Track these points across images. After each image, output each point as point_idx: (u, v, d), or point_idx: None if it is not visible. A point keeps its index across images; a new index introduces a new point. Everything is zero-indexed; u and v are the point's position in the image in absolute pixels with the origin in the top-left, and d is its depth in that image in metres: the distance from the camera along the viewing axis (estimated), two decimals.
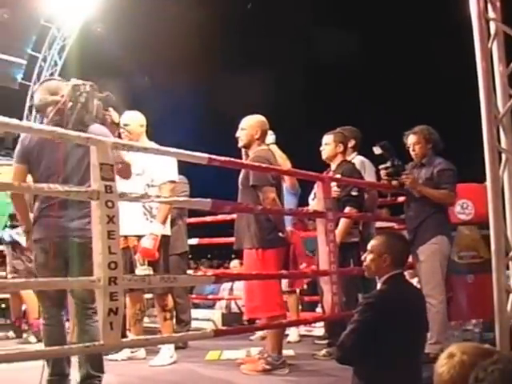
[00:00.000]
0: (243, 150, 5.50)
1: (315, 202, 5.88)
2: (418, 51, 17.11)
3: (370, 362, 3.29)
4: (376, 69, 17.74)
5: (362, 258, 3.70)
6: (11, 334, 7.48)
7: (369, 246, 3.64)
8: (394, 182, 5.79)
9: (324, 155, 6.04)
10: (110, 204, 3.15)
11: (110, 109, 5.28)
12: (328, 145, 6.00)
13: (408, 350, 3.34)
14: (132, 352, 5.67)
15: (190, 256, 9.00)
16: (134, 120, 5.75)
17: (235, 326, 7.57)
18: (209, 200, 3.83)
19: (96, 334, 3.63)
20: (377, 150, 5.83)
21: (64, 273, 3.92)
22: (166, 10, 14.03)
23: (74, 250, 3.92)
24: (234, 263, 10.19)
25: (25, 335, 7.53)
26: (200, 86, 16.74)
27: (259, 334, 6.88)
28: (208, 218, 8.19)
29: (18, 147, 4.17)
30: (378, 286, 3.61)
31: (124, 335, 4.93)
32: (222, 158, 4.05)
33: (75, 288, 3.79)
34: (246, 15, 17.59)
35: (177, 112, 16.03)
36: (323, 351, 5.73)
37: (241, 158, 5.47)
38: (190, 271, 8.88)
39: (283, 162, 6.37)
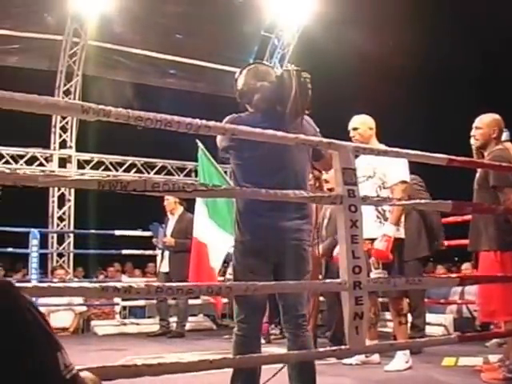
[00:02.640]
0: (474, 150, 5.32)
1: None
2: None
3: None
4: None
5: None
6: None
7: None
8: None
9: None
10: (353, 208, 3.16)
11: None
12: None
13: None
14: (366, 356, 5.68)
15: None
16: (364, 123, 5.80)
17: (469, 331, 7.33)
18: (449, 202, 3.72)
19: (308, 345, 3.54)
20: None
21: (271, 278, 3.50)
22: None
23: (289, 253, 3.53)
24: (466, 266, 9.86)
25: None
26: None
27: (495, 340, 6.63)
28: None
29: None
30: None
31: None
32: (462, 159, 3.91)
33: (322, 290, 3.73)
34: None
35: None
36: None
37: None
38: None
39: None
